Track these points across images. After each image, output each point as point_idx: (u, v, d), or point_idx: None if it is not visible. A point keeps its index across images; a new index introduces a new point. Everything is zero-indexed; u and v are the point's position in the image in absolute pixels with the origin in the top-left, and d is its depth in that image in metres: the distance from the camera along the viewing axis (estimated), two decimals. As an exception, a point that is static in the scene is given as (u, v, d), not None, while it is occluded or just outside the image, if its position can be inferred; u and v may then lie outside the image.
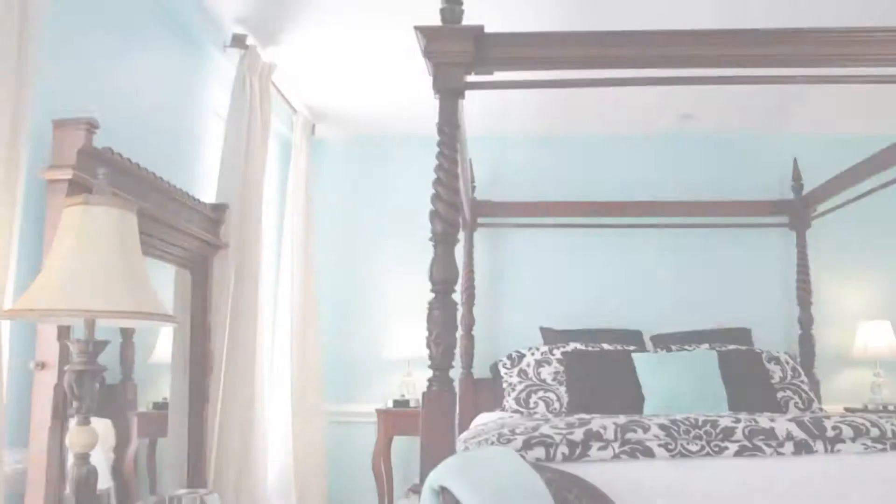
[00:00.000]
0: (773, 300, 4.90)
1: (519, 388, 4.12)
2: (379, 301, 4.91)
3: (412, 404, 4.40)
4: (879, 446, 2.40)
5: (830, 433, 2.39)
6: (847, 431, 2.39)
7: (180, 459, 2.94)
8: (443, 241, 2.29)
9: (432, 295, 2.30)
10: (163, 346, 2.94)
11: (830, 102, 4.47)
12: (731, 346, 4.30)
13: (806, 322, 4.68)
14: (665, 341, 4.44)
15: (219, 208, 3.15)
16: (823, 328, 4.84)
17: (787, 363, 4.31)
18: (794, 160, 4.88)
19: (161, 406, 2.91)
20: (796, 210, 4.79)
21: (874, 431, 2.40)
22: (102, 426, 2.35)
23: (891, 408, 4.44)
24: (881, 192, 4.26)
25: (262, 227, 3.54)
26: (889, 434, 2.40)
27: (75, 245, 1.76)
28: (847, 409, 4.52)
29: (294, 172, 4.39)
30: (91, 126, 2.12)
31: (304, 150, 4.46)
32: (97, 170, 1.92)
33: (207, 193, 3.35)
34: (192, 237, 2.86)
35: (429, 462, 2.09)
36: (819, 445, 2.39)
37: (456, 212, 2.31)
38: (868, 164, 3.83)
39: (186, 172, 3.21)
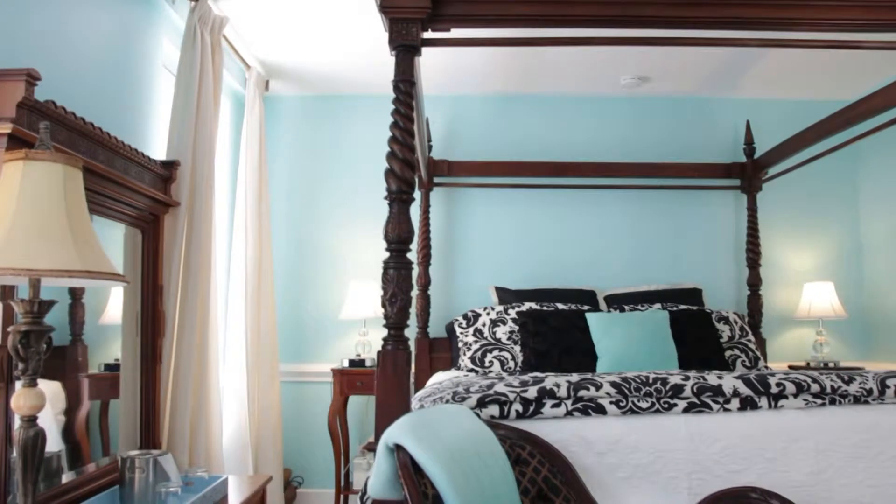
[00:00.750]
0: (723, 261, 5.01)
1: (474, 347, 4.16)
2: (335, 261, 4.88)
3: (368, 364, 4.41)
4: (819, 401, 2.48)
5: (774, 389, 2.46)
6: (790, 388, 2.47)
7: (133, 421, 2.90)
8: (398, 199, 2.28)
9: (388, 254, 2.29)
10: (114, 306, 2.88)
11: (783, 67, 4.53)
12: (683, 306, 4.39)
13: (754, 283, 4.80)
14: (618, 301, 4.52)
15: (169, 165, 3.07)
16: (771, 289, 4.98)
17: (736, 322, 4.42)
18: (747, 123, 4.95)
19: (113, 367, 2.86)
20: (748, 173, 4.87)
21: (815, 387, 2.48)
22: (51, 389, 2.31)
23: (831, 365, 4.60)
24: (828, 157, 4.36)
25: (214, 185, 3.46)
26: (828, 390, 2.49)
27: (16, 202, 1.70)
28: (791, 367, 4.67)
29: (247, 129, 4.30)
30: (31, 77, 2.03)
31: (257, 107, 4.37)
32: (39, 123, 1.85)
33: (158, 150, 3.26)
34: (141, 195, 2.78)
35: (384, 421, 2.11)
36: (763, 401, 2.46)
37: (411, 170, 2.29)
38: (817, 128, 3.90)
39: (135, 128, 3.12)
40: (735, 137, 5.08)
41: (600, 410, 2.37)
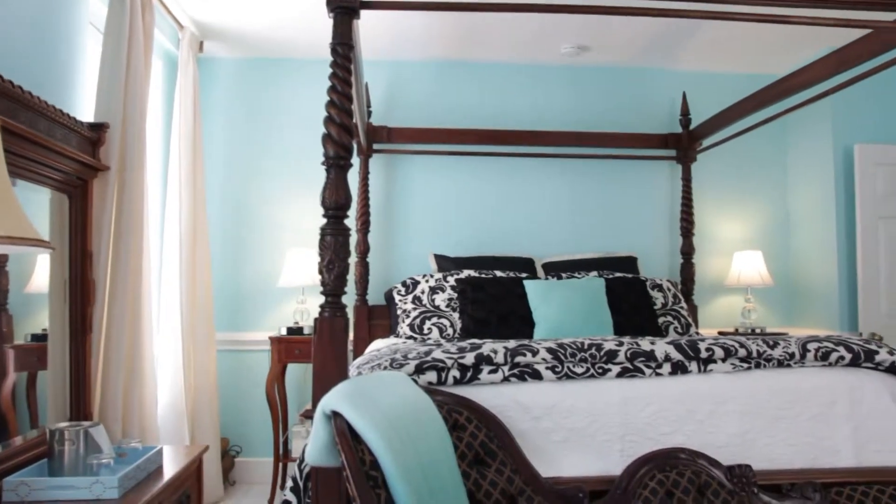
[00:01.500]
0: (658, 230, 5.12)
1: (413, 314, 4.17)
2: (272, 227, 4.80)
3: (306, 331, 4.38)
4: (746, 365, 2.57)
5: (704, 354, 2.54)
6: (718, 352, 2.55)
7: (62, 392, 2.82)
8: (335, 165, 2.24)
9: (325, 220, 2.26)
10: (40, 274, 2.77)
11: (719, 40, 4.61)
12: (618, 274, 4.47)
13: (687, 251, 4.92)
14: (556, 269, 4.58)
15: (98, 127, 2.96)
16: (703, 257, 5.12)
17: (669, 290, 4.54)
18: (684, 95, 5.04)
19: (40, 338, 2.77)
20: (683, 144, 4.96)
21: (742, 352, 2.57)
22: (-28, 358, 2.22)
23: (758, 330, 4.77)
24: (759, 130, 4.48)
25: (146, 149, 3.36)
26: (754, 354, 2.58)
27: (-69, 163, 1.62)
28: (720, 333, 4.83)
29: (181, 92, 4.17)
30: (-55, 32, 1.92)
31: (191, 69, 4.24)
32: (-47, 81, 1.75)
33: (85, 112, 3.13)
34: (68, 158, 2.68)
35: (321, 388, 2.10)
36: (693, 366, 2.54)
37: (349, 136, 2.25)
38: (749, 101, 3.99)
39: (60, 89, 2.98)
40: (672, 109, 5.17)
41: (536, 376, 2.41)
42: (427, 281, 4.32)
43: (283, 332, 4.40)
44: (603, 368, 2.46)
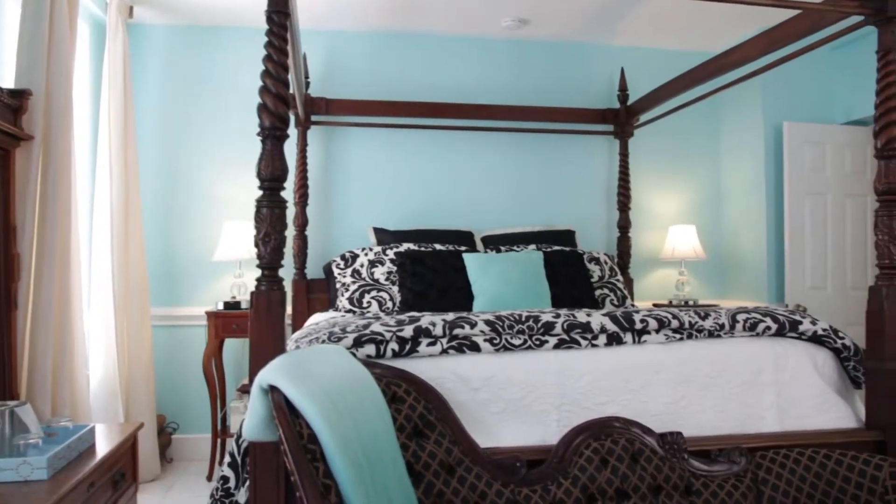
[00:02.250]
0: (596, 204, 5.19)
1: (352, 288, 4.14)
2: (208, 199, 4.69)
3: (244, 306, 4.32)
4: (678, 336, 2.64)
5: (638, 326, 2.60)
6: (652, 324, 2.61)
7: (-14, 370, 2.73)
8: (271, 136, 2.19)
9: (261, 192, 2.21)
10: (-42, 247, 2.66)
11: (658, 16, 4.66)
12: (556, 247, 4.53)
13: (624, 225, 5.01)
14: (495, 242, 4.61)
15: (19, 95, 2.83)
16: (639, 231, 5.22)
17: (606, 263, 4.61)
18: (622, 70, 5.09)
19: (-40, 313, 2.67)
20: (621, 119, 5.03)
21: (675, 323, 2.64)
22: None
23: (691, 302, 4.91)
24: (694, 106, 4.57)
25: (73, 118, 3.23)
26: (687, 325, 2.65)
27: None
28: (655, 305, 4.95)
29: (110, 59, 4.02)
30: None
31: (120, 35, 4.08)
32: None
33: (5, 78, 3.00)
34: (-14, 126, 2.56)
35: (258, 362, 2.07)
36: (628, 337, 2.59)
37: (285, 106, 2.20)
38: (684, 78, 4.06)
39: (-22, 53, 2.85)
40: (610, 84, 5.22)
41: (475, 348, 2.42)
42: (366, 254, 4.30)
43: (220, 306, 4.33)
44: (540, 340, 2.50)
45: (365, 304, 4.07)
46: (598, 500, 2.12)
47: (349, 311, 4.05)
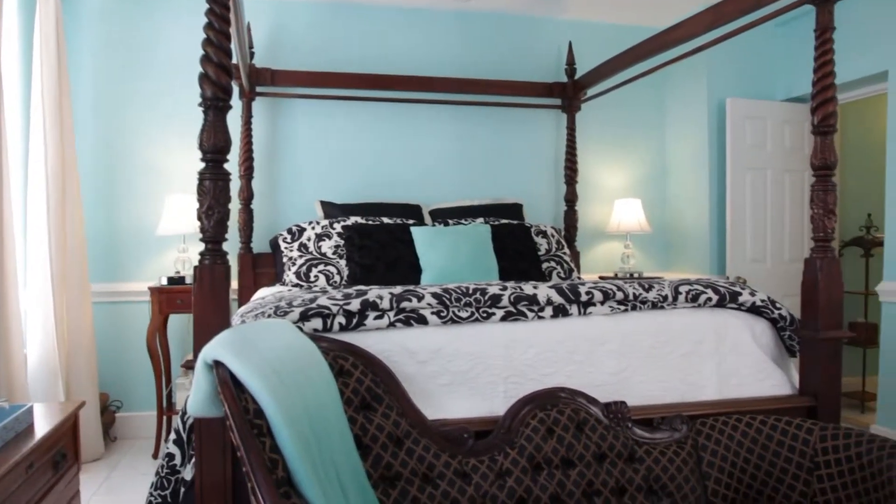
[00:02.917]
0: (543, 178, 5.23)
1: (299, 262, 4.11)
2: (150, 172, 4.57)
3: (188, 281, 4.24)
4: (623, 308, 2.69)
5: (584, 298, 2.63)
6: (597, 296, 2.65)
7: (-85, 347, 2.63)
8: (213, 107, 2.14)
9: (203, 165, 2.16)
10: None
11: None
12: (504, 221, 4.55)
13: (571, 199, 5.06)
14: (443, 215, 4.61)
15: (-55, 62, 2.70)
16: (586, 205, 5.28)
17: (553, 236, 4.66)
18: (569, 44, 5.11)
19: None
20: (568, 93, 5.05)
21: (619, 295, 2.68)
22: None
23: (636, 275, 5.00)
24: (640, 81, 4.61)
25: (1, 84, 3.10)
26: (631, 297, 2.70)
27: None
28: (601, 277, 5.02)
29: (41, 24, 3.85)
30: None
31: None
32: None
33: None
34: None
35: (202, 338, 2.04)
36: (574, 309, 2.62)
37: (228, 76, 2.15)
38: (631, 53, 4.09)
39: None
40: (558, 58, 5.24)
41: (422, 321, 2.43)
42: (313, 228, 4.26)
43: (164, 282, 4.24)
44: (487, 312, 2.51)
45: (312, 279, 4.03)
46: (544, 468, 2.15)
47: (296, 285, 4.01)
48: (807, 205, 5.03)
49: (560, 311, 2.60)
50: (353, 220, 4.27)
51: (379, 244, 4.03)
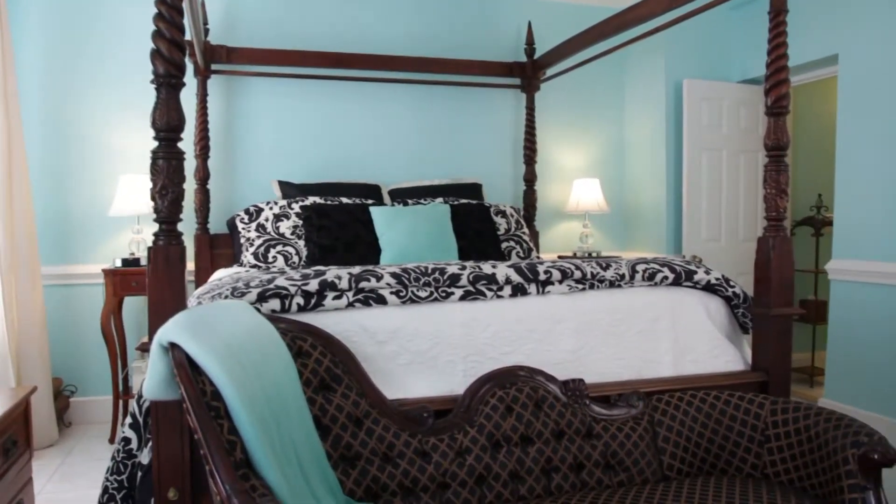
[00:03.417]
0: (502, 157, 5.24)
1: (257, 243, 4.06)
2: (102, 151, 4.46)
3: (143, 263, 4.16)
4: (581, 286, 2.71)
5: (542, 277, 2.65)
6: (556, 275, 2.67)
7: None
8: (166, 84, 2.09)
9: (157, 143, 2.12)
10: None
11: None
12: (463, 200, 4.55)
13: (530, 178, 5.08)
14: (402, 195, 4.59)
15: None
16: (545, 184, 5.31)
17: (512, 216, 4.68)
18: (529, 24, 5.10)
19: None
20: (527, 73, 5.06)
21: (577, 274, 2.71)
22: None
23: (594, 254, 5.05)
24: (599, 61, 4.63)
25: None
26: (589, 275, 2.72)
27: None
28: (560, 257, 5.06)
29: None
30: None
31: (-3, -27, 3.79)
32: None
33: None
34: None
35: (157, 320, 2.01)
36: (533, 288, 2.64)
37: (181, 52, 2.10)
38: (590, 32, 4.10)
39: None
40: (518, 37, 5.23)
41: (381, 301, 2.42)
42: (271, 208, 4.21)
43: (118, 263, 4.16)
44: (446, 292, 2.51)
45: (270, 259, 4.00)
46: (503, 446, 2.18)
47: (254, 266, 3.97)
48: (761, 185, 5.12)
49: (519, 290, 2.61)
50: (311, 200, 4.23)
51: (338, 224, 4.00)
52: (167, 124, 2.09)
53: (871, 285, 4.00)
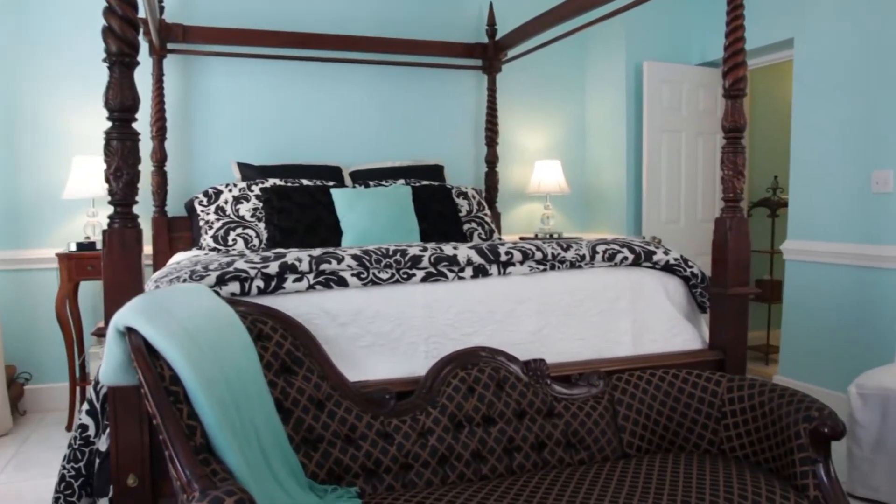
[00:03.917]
0: (464, 139, 5.23)
1: (216, 225, 4.00)
2: (54, 133, 4.34)
3: (99, 246, 4.08)
4: (542, 267, 2.73)
5: (504, 258, 2.66)
6: (517, 256, 2.68)
7: None
8: (119, 63, 2.04)
9: (110, 124, 2.07)
10: None
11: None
12: (425, 182, 4.54)
13: (492, 160, 5.08)
14: (363, 177, 4.56)
15: None
16: (507, 166, 5.32)
17: (474, 198, 4.68)
18: (490, 5, 5.08)
19: None
20: (489, 54, 5.04)
21: (538, 255, 2.72)
22: None
23: (556, 235, 5.09)
24: (561, 43, 4.64)
25: None
26: (549, 256, 2.74)
27: None
28: (521, 238, 5.08)
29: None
30: None
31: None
32: None
33: None
34: None
35: (113, 304, 1.97)
36: (494, 269, 2.65)
37: (134, 29, 2.05)
38: (552, 14, 4.10)
39: None
40: (479, 18, 5.21)
41: (342, 283, 2.41)
42: (230, 190, 4.15)
43: (73, 247, 4.07)
44: (407, 274, 2.51)
45: (230, 242, 3.95)
46: (465, 426, 2.19)
47: (214, 249, 3.92)
48: (719, 167, 5.20)
49: (480, 272, 2.62)
50: (271, 182, 4.18)
51: (298, 206, 3.96)
52: (121, 104, 2.04)
53: (824, 265, 4.10)
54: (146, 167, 4.14)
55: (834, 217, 4.04)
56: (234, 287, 2.27)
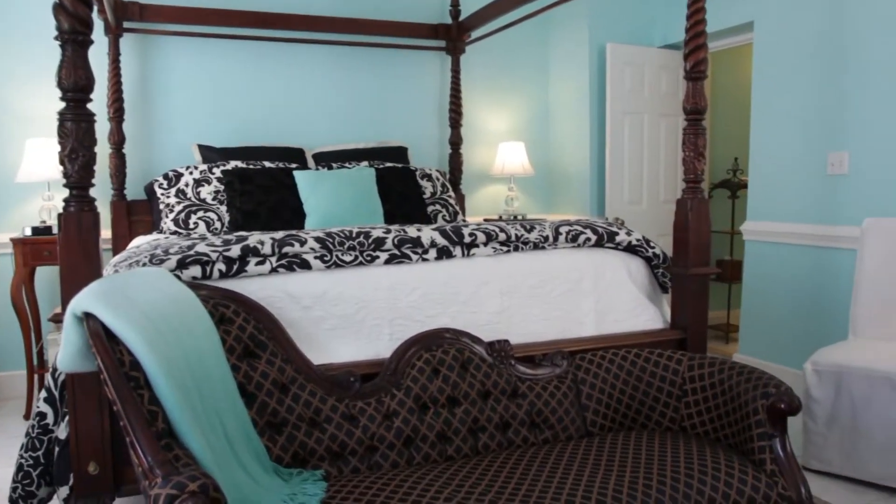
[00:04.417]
0: (428, 120, 5.20)
1: (177, 209, 3.94)
2: (5, 114, 4.21)
3: (55, 231, 3.98)
4: (505, 248, 2.74)
5: (467, 239, 2.67)
6: (481, 237, 2.69)
7: None
8: (72, 41, 1.99)
9: (64, 105, 2.02)
10: None
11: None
12: (389, 164, 4.52)
13: (456, 142, 5.07)
14: (326, 159, 4.52)
15: None
16: (471, 148, 5.31)
17: (438, 180, 4.67)
18: (454, -15, 5.05)
19: None
20: (452, 35, 5.01)
21: (502, 236, 2.73)
22: None
23: (519, 217, 5.10)
24: (525, 24, 4.63)
25: None
26: (513, 238, 2.75)
27: None
28: (486, 220, 5.10)
29: None
30: None
31: None
32: None
33: None
34: None
35: (70, 290, 1.94)
36: (458, 250, 2.66)
37: (86, 6, 1.99)
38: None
39: None
40: (442, -1, 5.18)
41: (305, 266, 2.39)
42: (191, 173, 4.08)
43: (28, 232, 3.97)
44: (371, 256, 2.50)
45: (192, 226, 3.89)
46: (430, 408, 2.19)
47: (175, 232, 3.86)
48: (680, 148, 5.25)
49: (444, 253, 2.63)
50: (233, 164, 4.12)
51: (261, 189, 3.92)
52: (74, 84, 2.00)
53: (782, 245, 4.18)
54: (103, 149, 4.05)
55: (791, 198, 4.12)
56: (196, 271, 2.24)
